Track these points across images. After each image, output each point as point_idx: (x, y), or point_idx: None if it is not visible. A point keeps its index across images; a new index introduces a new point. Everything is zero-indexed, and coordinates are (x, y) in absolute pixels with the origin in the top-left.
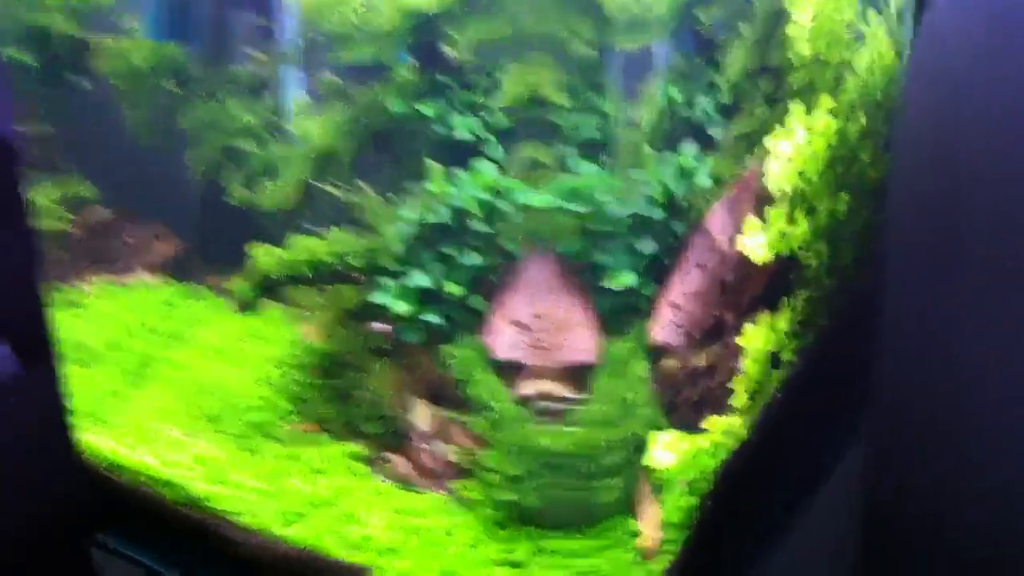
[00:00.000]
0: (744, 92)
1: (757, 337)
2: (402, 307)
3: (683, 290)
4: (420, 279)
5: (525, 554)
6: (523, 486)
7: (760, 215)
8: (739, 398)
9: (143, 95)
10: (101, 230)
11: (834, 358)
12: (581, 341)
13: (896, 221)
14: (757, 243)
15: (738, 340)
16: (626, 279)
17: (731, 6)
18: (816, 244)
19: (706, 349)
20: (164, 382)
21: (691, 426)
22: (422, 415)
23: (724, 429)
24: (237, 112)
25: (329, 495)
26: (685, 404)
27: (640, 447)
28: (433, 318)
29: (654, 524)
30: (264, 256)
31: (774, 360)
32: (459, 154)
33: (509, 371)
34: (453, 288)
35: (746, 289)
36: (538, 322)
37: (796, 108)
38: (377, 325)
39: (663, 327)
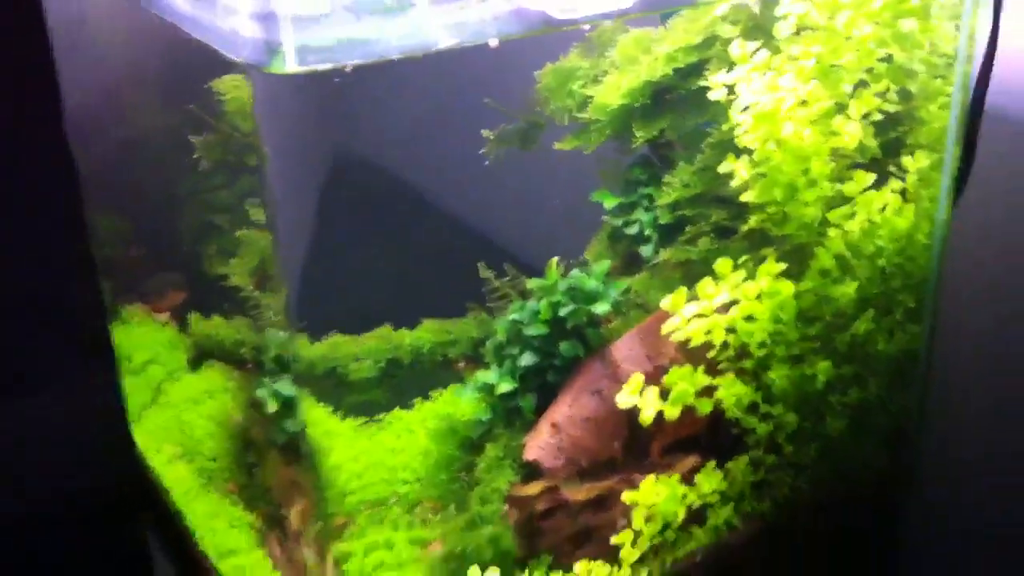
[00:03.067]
0: (688, 217)
1: (649, 492)
2: (272, 405)
3: (569, 413)
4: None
5: None
6: None
7: (679, 361)
8: (627, 550)
9: None
10: (136, 265)
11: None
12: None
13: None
14: (649, 399)
15: (625, 494)
16: (504, 385)
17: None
18: (768, 408)
19: (594, 483)
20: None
21: (557, 563)
22: (295, 516)
23: None
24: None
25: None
26: (552, 537)
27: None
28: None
29: None
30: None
31: (694, 518)
32: None
33: None
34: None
35: (660, 431)
36: None
37: (722, 264)
38: None
39: (539, 445)
